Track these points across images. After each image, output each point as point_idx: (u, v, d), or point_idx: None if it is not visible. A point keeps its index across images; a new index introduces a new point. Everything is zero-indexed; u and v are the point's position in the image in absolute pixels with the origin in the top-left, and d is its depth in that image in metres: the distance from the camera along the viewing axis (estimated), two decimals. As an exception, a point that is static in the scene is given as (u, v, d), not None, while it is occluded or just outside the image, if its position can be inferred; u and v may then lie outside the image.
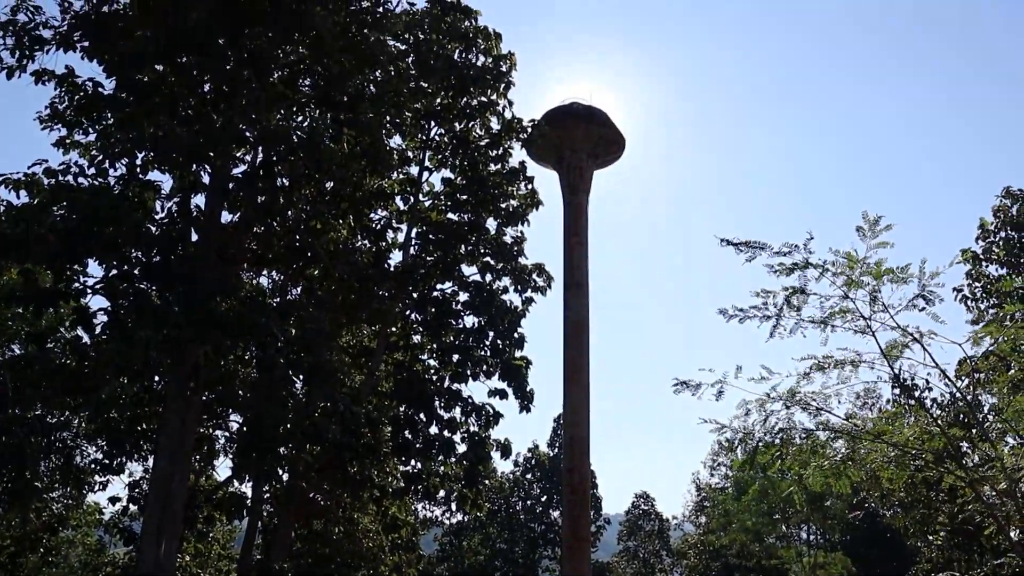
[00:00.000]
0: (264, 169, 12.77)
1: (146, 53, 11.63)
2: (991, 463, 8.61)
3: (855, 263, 8.37)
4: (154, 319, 11.07)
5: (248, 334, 11.91)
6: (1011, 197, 25.76)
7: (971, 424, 9.29)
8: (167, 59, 12.08)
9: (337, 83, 12.96)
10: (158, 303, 11.69)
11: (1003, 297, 24.00)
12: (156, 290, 12.03)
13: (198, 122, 12.12)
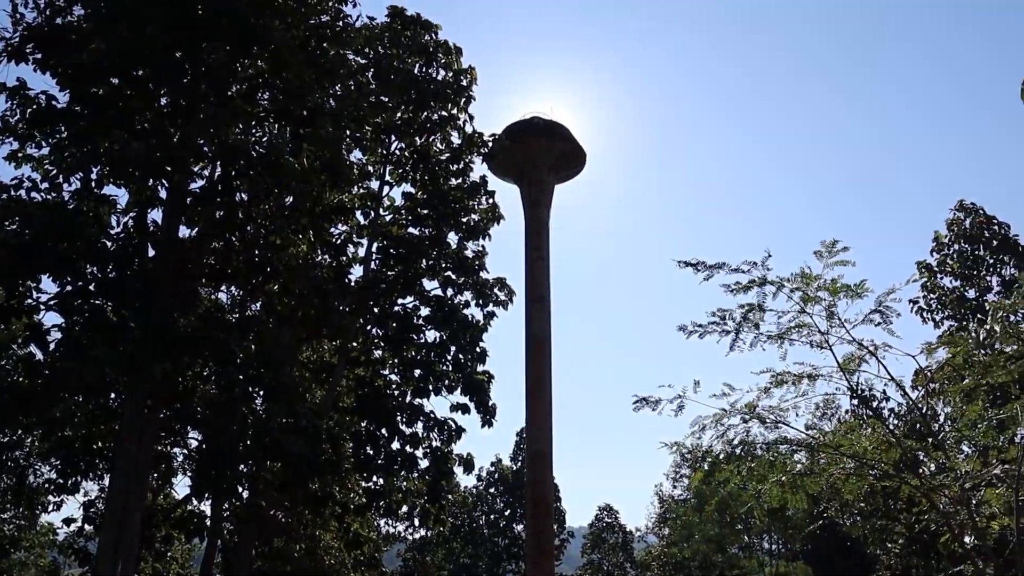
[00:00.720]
0: (223, 184, 12.64)
1: (101, 66, 11.49)
2: (946, 472, 8.76)
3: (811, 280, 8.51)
4: (110, 336, 10.90)
5: (207, 351, 11.76)
6: (964, 210, 26.35)
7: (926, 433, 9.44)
8: (123, 72, 11.94)
9: (296, 97, 12.90)
10: (114, 320, 11.51)
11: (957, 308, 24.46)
12: (112, 306, 11.85)
13: (155, 136, 11.98)
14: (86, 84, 11.71)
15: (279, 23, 12.17)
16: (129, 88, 12.19)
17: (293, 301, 14.67)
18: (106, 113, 11.74)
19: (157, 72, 12.07)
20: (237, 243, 13.22)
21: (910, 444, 9.02)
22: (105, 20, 11.62)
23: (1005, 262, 24.97)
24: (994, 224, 25.65)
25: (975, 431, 8.38)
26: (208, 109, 11.90)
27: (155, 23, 11.47)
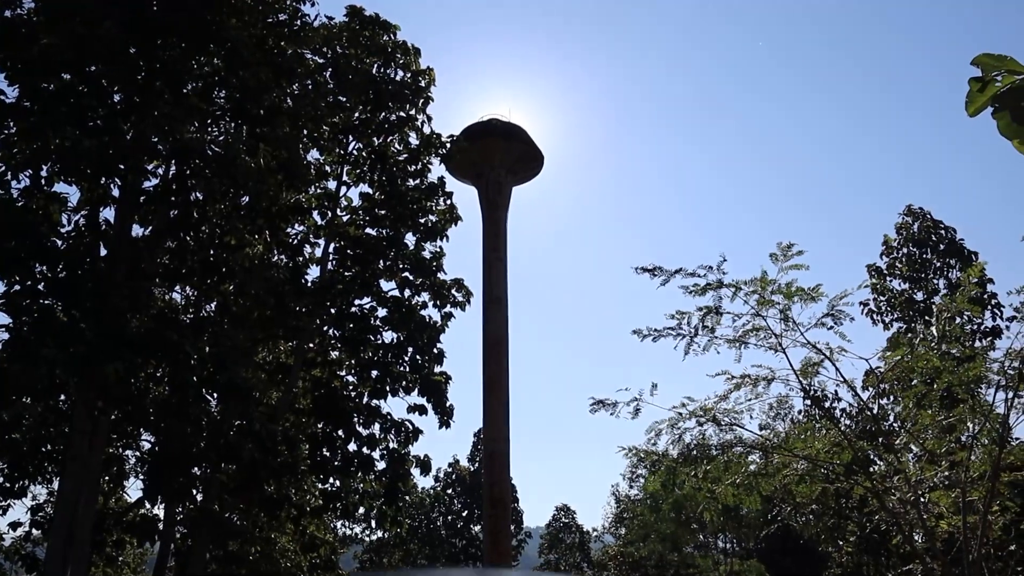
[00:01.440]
0: (177, 183, 12.47)
1: (52, 61, 11.27)
2: (896, 474, 8.92)
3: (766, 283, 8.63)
4: (60, 336, 10.69)
5: (160, 352, 11.58)
6: (912, 215, 26.91)
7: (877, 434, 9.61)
8: (75, 68, 11.72)
9: (253, 96, 12.77)
10: (64, 320, 11.29)
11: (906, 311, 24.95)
12: (62, 306, 11.63)
13: (108, 133, 11.77)
14: (37, 79, 11.47)
15: (236, 21, 12.03)
16: (81, 84, 11.97)
17: (248, 302, 14.52)
18: (57, 109, 11.51)
19: (111, 68, 11.87)
20: (191, 243, 13.05)
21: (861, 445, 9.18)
22: (58, 14, 11.40)
23: (951, 265, 25.52)
24: (940, 228, 26.21)
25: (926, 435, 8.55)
26: (163, 107, 11.73)
27: (110, 19, 11.28)
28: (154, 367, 13.05)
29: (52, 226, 11.68)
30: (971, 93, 2.77)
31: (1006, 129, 2.77)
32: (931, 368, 8.47)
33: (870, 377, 9.54)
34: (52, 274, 11.57)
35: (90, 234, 12.19)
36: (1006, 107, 2.74)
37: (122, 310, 11.27)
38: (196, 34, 11.95)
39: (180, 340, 11.52)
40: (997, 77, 2.73)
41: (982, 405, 8.75)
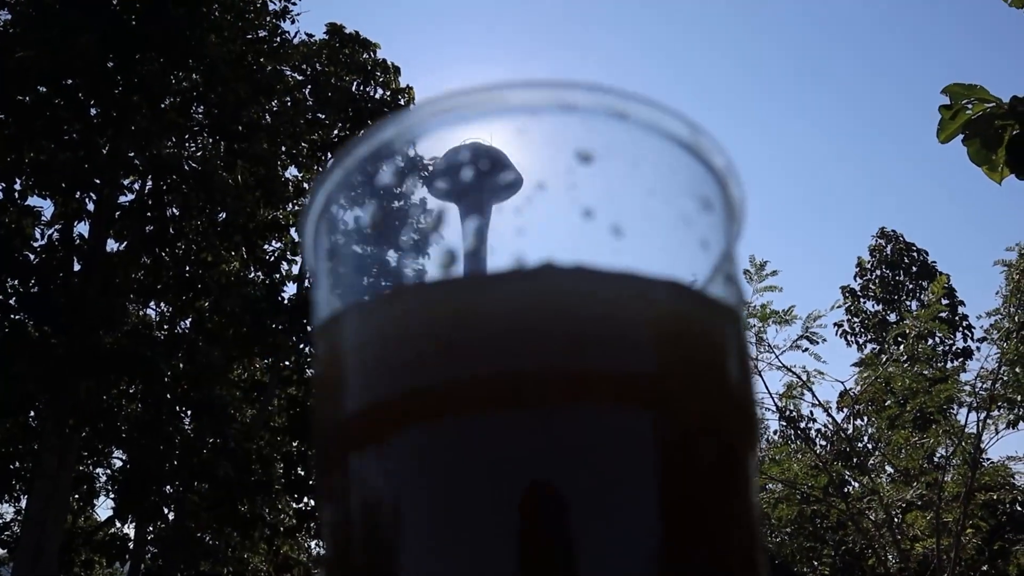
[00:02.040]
0: (153, 198, 12.40)
1: (29, 74, 11.19)
2: (871, 495, 8.97)
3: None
4: (31, 352, 10.56)
5: (134, 368, 11.46)
6: (885, 237, 27.25)
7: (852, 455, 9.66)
8: (52, 81, 11.64)
9: (231, 112, 12.74)
10: (36, 335, 11.16)
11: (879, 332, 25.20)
12: (34, 322, 11.49)
13: (84, 147, 11.69)
14: (11, 91, 11.38)
15: (215, 37, 12.01)
16: (58, 97, 11.89)
17: (224, 319, 14.42)
18: (33, 122, 11.42)
19: (88, 82, 11.80)
20: (167, 259, 12.96)
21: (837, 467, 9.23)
22: (35, 27, 11.33)
23: (923, 287, 25.84)
24: (913, 251, 26.55)
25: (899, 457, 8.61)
26: (140, 121, 11.67)
27: (89, 32, 11.22)
28: (127, 384, 12.91)
29: (25, 240, 11.56)
30: (942, 121, 2.84)
31: (976, 156, 2.83)
32: (903, 389, 8.54)
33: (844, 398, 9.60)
34: (24, 289, 11.45)
35: (64, 249, 12.08)
36: (976, 135, 2.81)
37: (95, 326, 11.15)
38: (175, 49, 11.92)
39: (154, 357, 11.41)
40: (967, 105, 2.80)
41: (955, 426, 8.83)
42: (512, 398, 0.36)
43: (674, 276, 0.40)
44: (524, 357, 0.36)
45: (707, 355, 0.40)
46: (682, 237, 0.42)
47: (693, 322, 0.41)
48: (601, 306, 0.38)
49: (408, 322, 0.38)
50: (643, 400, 0.37)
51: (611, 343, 0.37)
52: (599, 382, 0.36)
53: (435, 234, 0.42)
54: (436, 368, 0.37)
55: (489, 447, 0.36)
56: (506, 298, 0.38)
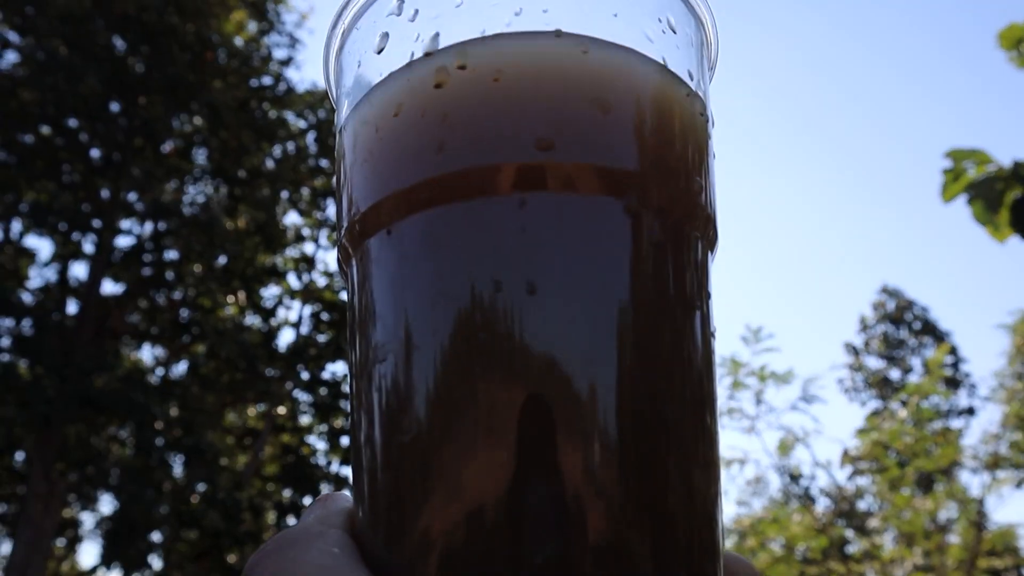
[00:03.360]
0: (152, 242, 12.38)
1: (32, 115, 11.24)
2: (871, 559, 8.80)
3: (739, 365, 8.65)
4: (21, 394, 10.44)
5: (125, 413, 11.34)
6: (888, 293, 27.23)
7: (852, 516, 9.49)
8: (55, 123, 11.70)
9: (234, 157, 12.78)
10: (27, 377, 11.05)
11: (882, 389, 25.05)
12: (27, 363, 11.39)
13: (84, 189, 11.70)
14: (14, 132, 11.43)
15: (219, 82, 12.09)
16: (59, 138, 11.94)
17: (219, 364, 14.31)
18: (33, 163, 11.44)
19: (90, 124, 11.86)
20: (164, 303, 12.91)
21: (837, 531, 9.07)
22: (40, 69, 11.41)
23: (925, 345, 25.74)
24: (913, 309, 26.53)
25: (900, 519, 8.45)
26: (142, 164, 11.70)
27: (93, 75, 11.30)
28: (118, 427, 12.77)
29: (19, 280, 11.51)
30: (946, 182, 2.95)
31: (980, 216, 2.92)
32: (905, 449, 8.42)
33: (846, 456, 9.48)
34: (17, 330, 11.38)
35: (59, 290, 12.03)
36: (980, 196, 2.92)
37: (87, 369, 11.05)
38: (178, 93, 11.99)
39: (147, 402, 11.29)
40: (969, 168, 2.92)
41: (957, 490, 8.68)
42: (501, 187, 0.41)
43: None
44: (510, 152, 0.42)
45: (679, 153, 0.45)
46: (642, 53, 0.46)
47: (674, 110, 0.46)
48: (591, 88, 0.44)
49: (406, 124, 0.44)
50: (619, 191, 0.42)
51: (593, 139, 0.42)
52: (579, 174, 0.42)
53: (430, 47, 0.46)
54: (433, 163, 0.42)
55: (480, 228, 0.41)
56: (496, 93, 0.43)
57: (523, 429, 0.38)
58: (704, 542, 0.42)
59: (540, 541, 0.37)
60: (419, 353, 0.41)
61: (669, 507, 0.40)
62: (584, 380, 0.39)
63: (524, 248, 0.41)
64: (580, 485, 0.38)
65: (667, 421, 0.41)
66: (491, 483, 0.38)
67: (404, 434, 0.41)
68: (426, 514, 0.39)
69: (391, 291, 0.43)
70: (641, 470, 0.39)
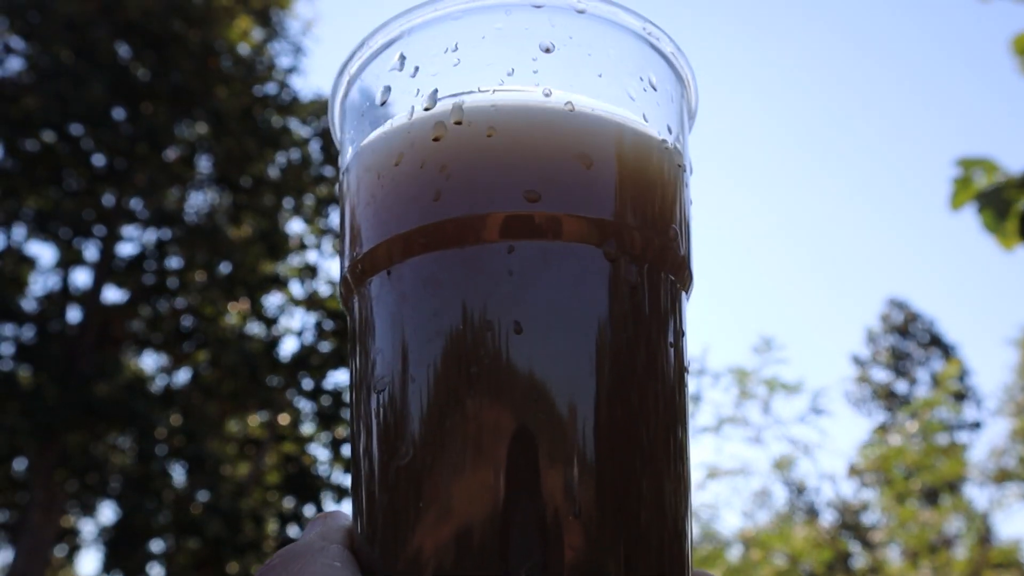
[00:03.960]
0: (155, 249, 12.37)
1: (36, 121, 11.24)
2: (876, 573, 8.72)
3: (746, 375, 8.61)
4: (23, 402, 10.42)
5: (127, 421, 11.31)
6: (895, 305, 27.16)
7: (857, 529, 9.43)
8: (58, 129, 11.69)
9: (237, 165, 12.77)
10: (29, 385, 11.02)
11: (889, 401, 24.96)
12: (30, 371, 11.37)
13: (87, 196, 11.69)
14: (18, 138, 11.44)
15: (223, 89, 12.09)
16: (62, 145, 11.94)
17: (222, 373, 14.28)
18: (37, 170, 11.44)
19: (94, 130, 11.85)
20: (166, 311, 12.89)
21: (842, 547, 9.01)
22: (45, 76, 11.42)
23: (933, 357, 25.66)
24: (921, 321, 26.46)
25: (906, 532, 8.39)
26: (145, 171, 11.69)
27: (97, 82, 11.30)
28: (119, 435, 12.75)
29: (21, 287, 11.50)
30: (957, 189, 2.95)
31: (990, 225, 2.92)
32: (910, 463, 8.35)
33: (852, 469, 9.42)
34: (19, 337, 11.36)
35: (61, 297, 12.01)
36: (989, 204, 2.92)
37: (89, 377, 11.02)
38: (182, 101, 11.99)
39: (148, 410, 11.26)
40: (978, 176, 2.93)
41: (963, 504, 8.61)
42: (491, 234, 0.45)
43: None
44: (500, 203, 0.46)
45: (656, 204, 0.49)
46: (625, 111, 0.50)
47: (651, 164, 0.50)
48: (571, 147, 0.47)
49: (406, 174, 0.48)
50: (599, 239, 0.46)
51: (576, 191, 0.46)
52: (563, 223, 0.45)
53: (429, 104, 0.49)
54: (430, 211, 0.46)
55: (473, 272, 0.45)
56: (490, 148, 0.47)
57: (509, 454, 0.42)
58: (674, 558, 0.45)
59: (523, 557, 0.41)
60: (415, 384, 0.45)
61: (642, 526, 0.43)
62: (565, 409, 0.43)
63: (511, 290, 0.44)
64: (560, 505, 0.42)
65: (641, 446, 0.45)
66: (479, 504, 0.42)
67: (400, 458, 0.45)
68: (420, 532, 0.43)
69: (390, 327, 0.47)
70: (616, 492, 0.43)
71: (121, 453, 13.48)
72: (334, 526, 0.49)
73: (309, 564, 0.44)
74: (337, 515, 0.51)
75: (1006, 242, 2.91)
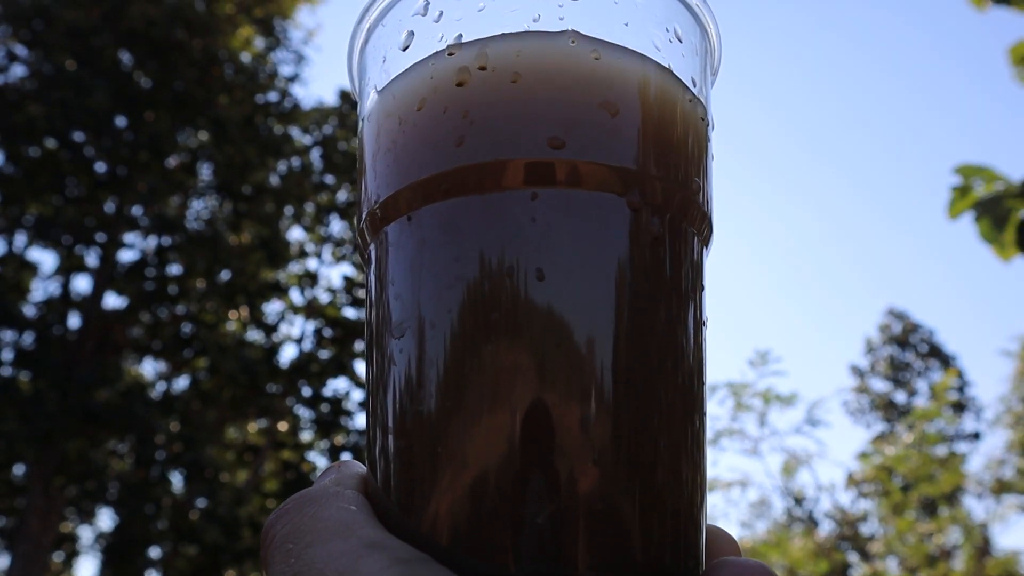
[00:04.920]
0: (156, 256, 12.39)
1: (38, 128, 11.27)
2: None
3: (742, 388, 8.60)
4: (22, 409, 10.42)
5: (126, 427, 11.30)
6: (894, 316, 27.15)
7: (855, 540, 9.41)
8: (61, 136, 11.73)
9: (239, 172, 12.80)
10: (28, 391, 11.03)
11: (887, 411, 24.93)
12: (29, 377, 11.37)
13: (88, 203, 11.72)
14: (20, 145, 11.47)
15: (225, 98, 12.13)
16: (65, 152, 11.97)
17: (221, 380, 14.28)
18: (39, 177, 11.47)
19: (96, 138, 11.89)
20: (166, 318, 12.90)
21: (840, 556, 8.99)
22: (48, 83, 11.46)
23: (932, 368, 25.63)
24: (920, 331, 26.44)
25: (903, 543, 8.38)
26: (147, 179, 11.72)
27: (100, 90, 11.34)
28: (118, 442, 12.74)
29: (22, 293, 11.52)
30: (953, 199, 2.91)
31: (987, 234, 2.89)
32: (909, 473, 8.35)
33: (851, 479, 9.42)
34: (19, 343, 11.37)
35: (62, 303, 12.03)
36: (988, 213, 2.88)
37: (89, 383, 11.03)
38: (184, 109, 12.03)
39: (148, 416, 11.26)
40: (977, 185, 2.89)
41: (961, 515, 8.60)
42: (514, 180, 0.45)
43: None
44: (524, 149, 0.45)
45: (680, 155, 0.49)
46: (651, 61, 0.50)
47: (676, 114, 0.49)
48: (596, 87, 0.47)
49: (428, 119, 0.47)
50: (622, 188, 0.46)
51: (600, 139, 0.46)
52: (586, 171, 0.45)
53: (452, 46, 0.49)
54: (452, 156, 0.46)
55: (495, 219, 0.45)
56: (513, 94, 0.46)
57: (527, 401, 0.42)
58: (689, 508, 0.45)
59: (541, 504, 0.41)
60: (434, 330, 0.45)
61: (657, 474, 0.44)
62: (585, 356, 0.43)
63: (534, 237, 0.44)
64: (578, 453, 0.42)
65: (659, 394, 0.45)
66: (497, 450, 0.42)
67: (418, 404, 0.44)
68: (437, 478, 0.43)
69: (409, 273, 0.47)
70: (633, 438, 0.43)
71: (120, 459, 13.47)
72: (348, 473, 0.49)
73: (324, 508, 0.44)
74: (351, 463, 0.51)
75: (1003, 253, 2.88)
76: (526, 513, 0.41)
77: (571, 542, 0.41)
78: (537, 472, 0.41)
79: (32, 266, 11.86)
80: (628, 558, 0.42)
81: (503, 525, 0.41)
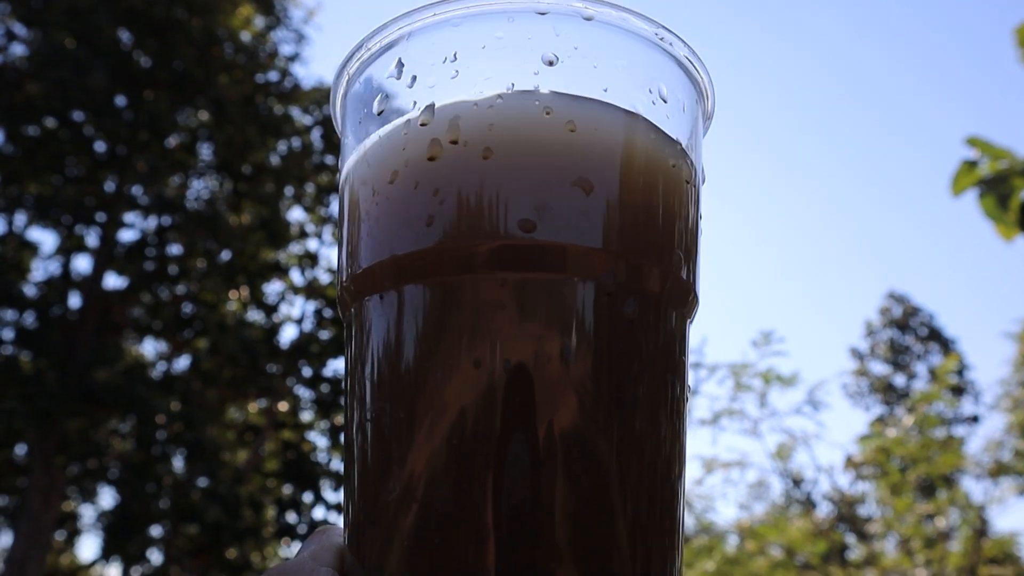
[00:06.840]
0: (156, 236, 12.38)
1: (37, 108, 11.23)
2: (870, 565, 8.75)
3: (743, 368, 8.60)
4: (23, 387, 10.45)
5: (127, 407, 11.33)
6: (894, 299, 27.17)
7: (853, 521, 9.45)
8: (60, 115, 11.69)
9: (239, 152, 12.76)
10: (29, 370, 11.05)
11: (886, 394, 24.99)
12: (29, 356, 11.39)
13: (88, 183, 11.70)
14: (19, 124, 11.43)
15: (225, 77, 12.08)
16: (65, 131, 11.94)
17: (221, 360, 14.31)
18: (38, 156, 11.44)
19: (96, 117, 11.85)
20: (166, 298, 12.91)
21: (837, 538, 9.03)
22: (47, 62, 11.41)
23: (931, 351, 25.67)
24: (920, 315, 26.46)
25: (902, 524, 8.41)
26: (146, 158, 11.69)
27: (99, 69, 11.29)
28: (119, 421, 12.78)
29: (22, 273, 11.52)
30: (959, 174, 2.85)
31: (991, 212, 2.85)
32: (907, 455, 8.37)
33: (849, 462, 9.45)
34: (20, 323, 11.38)
35: (62, 283, 12.03)
36: (992, 191, 2.84)
37: (89, 363, 11.05)
38: (184, 88, 11.98)
39: (148, 396, 11.29)
40: (983, 163, 2.84)
41: (959, 496, 8.63)
42: (483, 265, 0.44)
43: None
44: (494, 232, 0.44)
45: (660, 230, 0.47)
46: (631, 128, 0.48)
47: (657, 186, 0.47)
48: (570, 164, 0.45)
49: (400, 193, 0.47)
50: (596, 271, 0.44)
51: (573, 220, 0.44)
52: (558, 254, 0.43)
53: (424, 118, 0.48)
54: (423, 235, 0.45)
55: (462, 306, 0.43)
56: (485, 172, 0.45)
57: (500, 489, 0.41)
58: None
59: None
60: (404, 418, 0.44)
61: (636, 556, 0.44)
62: (557, 447, 0.42)
63: (502, 327, 0.43)
64: (548, 552, 0.41)
65: (636, 490, 0.44)
66: (465, 545, 0.41)
67: (388, 493, 0.44)
68: (408, 562, 0.43)
69: (381, 354, 0.46)
70: (608, 530, 0.43)
71: (121, 439, 13.52)
72: (327, 545, 0.49)
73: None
74: (332, 533, 0.51)
75: (1006, 232, 2.85)
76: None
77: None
78: (508, 564, 0.41)
79: (32, 246, 11.85)
80: None
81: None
